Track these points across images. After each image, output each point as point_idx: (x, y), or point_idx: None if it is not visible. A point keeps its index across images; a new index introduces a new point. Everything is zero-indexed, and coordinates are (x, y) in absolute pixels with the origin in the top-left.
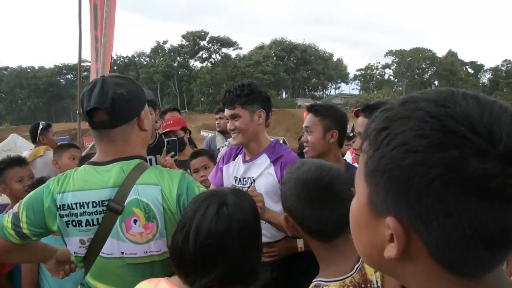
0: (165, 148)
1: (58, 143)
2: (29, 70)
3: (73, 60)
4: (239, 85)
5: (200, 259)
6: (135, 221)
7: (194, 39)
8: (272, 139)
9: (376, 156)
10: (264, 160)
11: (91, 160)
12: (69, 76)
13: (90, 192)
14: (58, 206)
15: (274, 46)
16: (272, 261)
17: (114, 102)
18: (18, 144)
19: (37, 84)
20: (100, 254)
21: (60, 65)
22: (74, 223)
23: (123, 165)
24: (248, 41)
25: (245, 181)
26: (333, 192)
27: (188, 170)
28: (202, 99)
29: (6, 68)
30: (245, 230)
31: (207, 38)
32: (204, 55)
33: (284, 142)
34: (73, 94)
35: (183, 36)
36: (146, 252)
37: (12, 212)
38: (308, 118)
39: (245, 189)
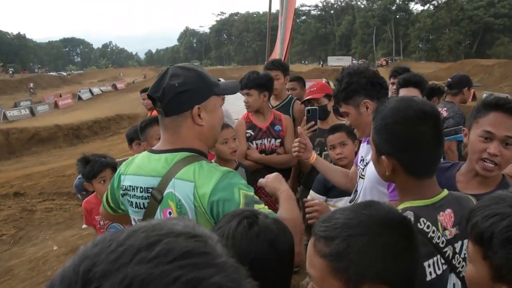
0: (305, 117)
1: None
2: (254, 15)
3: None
4: (339, 79)
5: None
6: (169, 213)
7: None
8: None
9: None
10: None
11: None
12: None
13: (140, 178)
14: (121, 186)
15: None
16: None
17: (164, 92)
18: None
19: (261, 28)
20: None
21: None
22: (129, 203)
23: (169, 156)
24: None
25: (365, 162)
26: None
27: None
28: (419, 45)
29: (236, 14)
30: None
31: None
32: None
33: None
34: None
35: None
36: None
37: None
38: (509, 123)
39: (359, 170)
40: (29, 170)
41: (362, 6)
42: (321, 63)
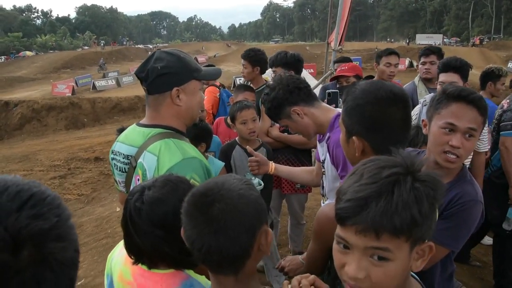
0: (325, 100)
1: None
2: None
3: None
4: (263, 102)
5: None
6: (138, 179)
7: None
8: (336, 112)
9: None
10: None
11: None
12: None
13: (124, 146)
14: (112, 150)
15: None
16: None
17: (148, 73)
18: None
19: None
20: None
21: None
22: (115, 166)
23: (146, 131)
24: None
25: (321, 159)
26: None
27: None
28: None
29: None
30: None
31: None
32: None
33: None
34: (378, 13)
35: None
36: None
37: None
38: (471, 115)
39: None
40: (110, 137)
41: None
42: (408, 41)
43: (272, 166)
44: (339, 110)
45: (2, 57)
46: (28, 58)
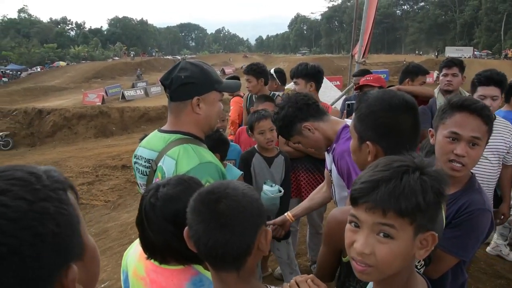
0: (345, 111)
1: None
2: None
3: None
4: (274, 121)
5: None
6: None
7: None
8: (343, 124)
9: None
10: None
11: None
12: (405, 7)
13: (146, 150)
14: (134, 154)
15: None
16: None
17: (172, 81)
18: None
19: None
20: None
21: None
22: (137, 170)
23: (167, 136)
24: None
25: (331, 173)
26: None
27: None
28: None
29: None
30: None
31: None
32: None
33: None
34: (406, 26)
35: None
36: None
37: None
38: (474, 124)
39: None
40: (136, 146)
41: None
42: (437, 53)
43: (290, 215)
44: (347, 121)
45: (38, 67)
46: (62, 68)
